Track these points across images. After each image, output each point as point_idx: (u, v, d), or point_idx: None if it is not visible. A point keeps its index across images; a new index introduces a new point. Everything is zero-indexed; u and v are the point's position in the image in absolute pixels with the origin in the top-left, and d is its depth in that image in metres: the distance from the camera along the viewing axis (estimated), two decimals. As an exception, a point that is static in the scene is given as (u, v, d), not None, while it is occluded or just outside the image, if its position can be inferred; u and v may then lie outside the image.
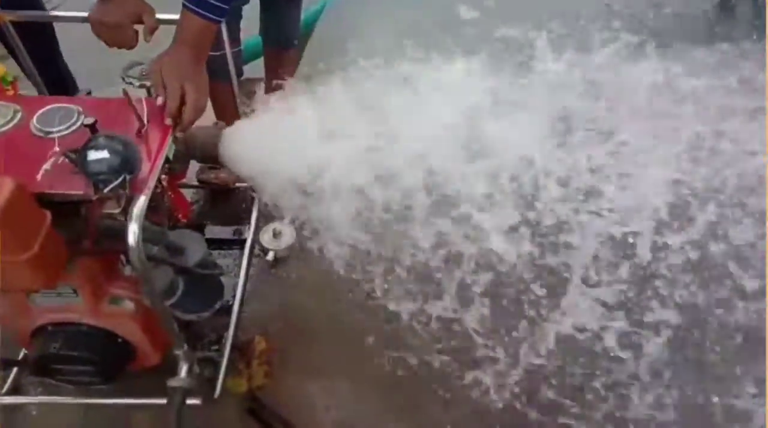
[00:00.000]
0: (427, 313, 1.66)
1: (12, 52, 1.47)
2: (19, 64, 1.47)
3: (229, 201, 1.97)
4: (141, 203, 0.97)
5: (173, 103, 1.10)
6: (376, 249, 1.71)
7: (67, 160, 1.00)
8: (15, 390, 1.46)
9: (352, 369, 1.58)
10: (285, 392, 1.54)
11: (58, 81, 1.82)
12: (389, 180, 1.34)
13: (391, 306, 1.68)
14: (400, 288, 1.70)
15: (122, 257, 1.33)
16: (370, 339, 1.63)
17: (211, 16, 1.14)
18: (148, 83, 1.17)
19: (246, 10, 1.75)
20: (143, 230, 0.96)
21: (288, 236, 1.82)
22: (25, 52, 1.44)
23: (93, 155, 0.94)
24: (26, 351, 1.43)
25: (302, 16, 2.07)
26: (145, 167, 1.03)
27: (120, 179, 0.94)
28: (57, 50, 1.85)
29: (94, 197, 0.95)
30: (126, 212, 0.98)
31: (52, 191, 0.97)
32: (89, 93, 1.39)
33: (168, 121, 1.11)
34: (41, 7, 1.73)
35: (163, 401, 1.35)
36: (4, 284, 1.00)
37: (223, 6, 1.15)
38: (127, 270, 1.33)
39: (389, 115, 1.43)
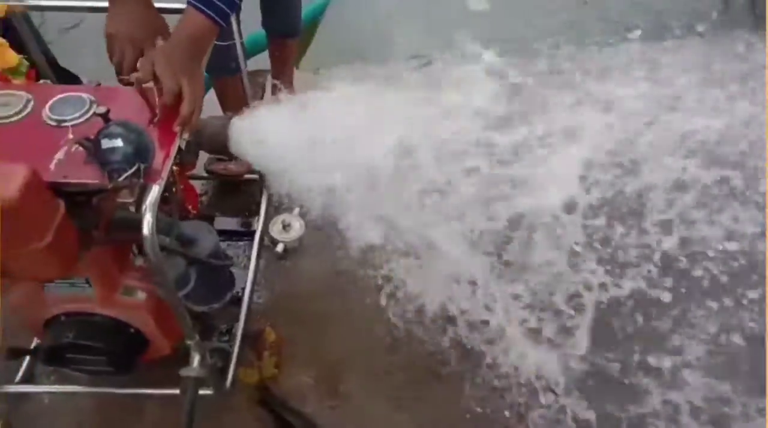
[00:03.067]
0: (437, 307, 1.67)
1: (19, 46, 1.46)
2: (28, 56, 1.46)
3: (238, 193, 1.97)
4: (155, 192, 0.97)
5: (169, 97, 1.07)
6: (387, 241, 1.71)
7: (80, 149, 1.00)
8: (28, 379, 1.47)
9: (362, 362, 1.59)
10: (295, 383, 1.54)
11: (64, 74, 1.83)
12: (403, 171, 1.33)
13: (402, 299, 1.68)
14: (410, 281, 1.70)
15: (134, 247, 1.34)
16: (380, 332, 1.63)
17: (214, 16, 1.11)
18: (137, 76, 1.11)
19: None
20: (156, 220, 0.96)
21: (297, 228, 1.82)
22: (36, 43, 1.44)
23: (107, 144, 0.93)
24: (38, 341, 1.44)
25: (308, 7, 2.06)
26: (158, 156, 1.02)
27: (134, 169, 0.94)
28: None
29: (109, 187, 0.94)
30: (139, 202, 0.98)
31: (67, 181, 0.97)
32: (98, 84, 1.38)
33: (159, 115, 1.07)
34: None
35: (174, 391, 1.36)
36: (19, 274, 1.01)
37: (227, 9, 1.13)
38: (139, 261, 1.34)
39: (400, 104, 1.42)
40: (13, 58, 1.39)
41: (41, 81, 1.45)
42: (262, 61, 2.23)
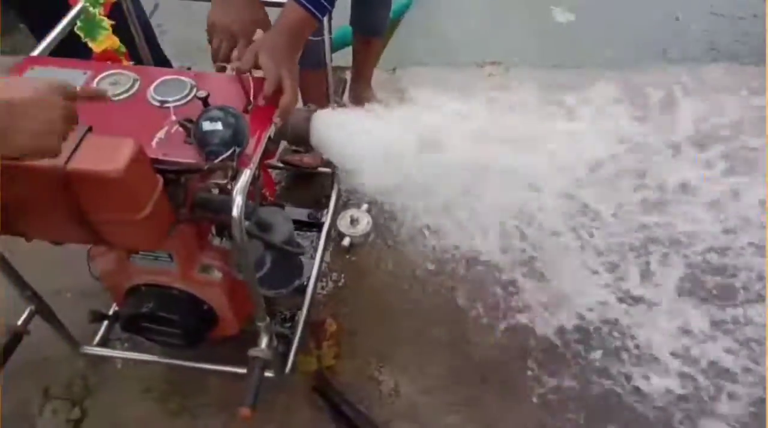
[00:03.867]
0: (498, 311, 1.66)
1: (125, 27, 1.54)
2: (127, 39, 1.54)
3: (310, 184, 2.01)
4: (246, 176, 1.01)
5: (271, 86, 1.12)
6: (453, 243, 1.72)
7: (180, 129, 1.05)
8: (104, 343, 1.56)
9: (419, 359, 1.60)
10: (352, 374, 1.57)
11: (161, 57, 1.92)
12: (474, 175, 1.33)
13: (461, 301, 1.68)
14: (473, 284, 1.70)
15: (212, 228, 1.39)
16: (440, 331, 1.64)
17: (315, 11, 1.16)
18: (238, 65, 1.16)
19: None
20: (239, 204, 1.00)
21: (364, 223, 1.85)
22: (138, 25, 1.52)
23: (208, 126, 0.98)
24: (116, 308, 1.52)
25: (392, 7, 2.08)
26: (251, 142, 1.06)
27: (230, 152, 0.98)
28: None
29: (205, 168, 0.99)
30: (229, 185, 1.02)
31: (167, 158, 1.02)
32: (189, 68, 1.45)
33: (261, 102, 1.12)
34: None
35: (240, 369, 1.41)
36: (114, 242, 1.07)
37: (327, 5, 1.17)
38: (216, 241, 1.39)
39: (477, 109, 1.41)
40: (116, 40, 1.47)
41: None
42: (341, 57, 2.29)
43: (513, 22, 2.91)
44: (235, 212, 0.99)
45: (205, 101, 1.06)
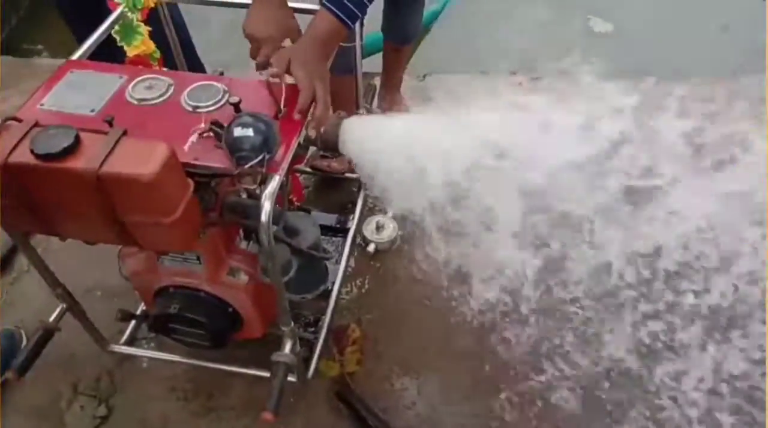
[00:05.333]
0: (521, 321, 1.64)
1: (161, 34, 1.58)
2: (163, 45, 1.57)
3: (337, 190, 2.02)
4: (275, 182, 1.02)
5: (307, 100, 1.12)
6: (477, 253, 1.70)
7: (212, 134, 1.07)
8: (131, 342, 1.59)
9: (442, 367, 1.59)
10: (374, 381, 1.56)
11: (196, 63, 1.95)
12: (504, 186, 1.32)
13: (486, 310, 1.67)
14: (497, 293, 1.68)
15: (240, 232, 1.41)
16: (463, 341, 1.63)
17: (345, 19, 1.16)
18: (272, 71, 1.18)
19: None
20: (267, 209, 1.01)
21: (390, 230, 1.85)
22: (174, 32, 1.55)
23: (239, 132, 0.99)
24: (144, 308, 1.55)
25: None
26: (281, 149, 1.07)
27: (260, 157, 0.99)
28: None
29: (235, 172, 1.00)
30: (258, 190, 1.03)
31: (198, 163, 1.04)
32: (222, 73, 1.47)
33: (297, 116, 1.13)
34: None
35: (263, 373, 1.42)
36: (144, 243, 1.09)
37: (358, 13, 1.17)
38: (243, 245, 1.41)
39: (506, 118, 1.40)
40: (151, 45, 1.51)
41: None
42: (371, 63, 2.29)
43: (548, 31, 2.88)
44: (264, 217, 1.00)
45: (236, 107, 1.07)
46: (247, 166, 0.99)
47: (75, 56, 1.27)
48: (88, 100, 1.14)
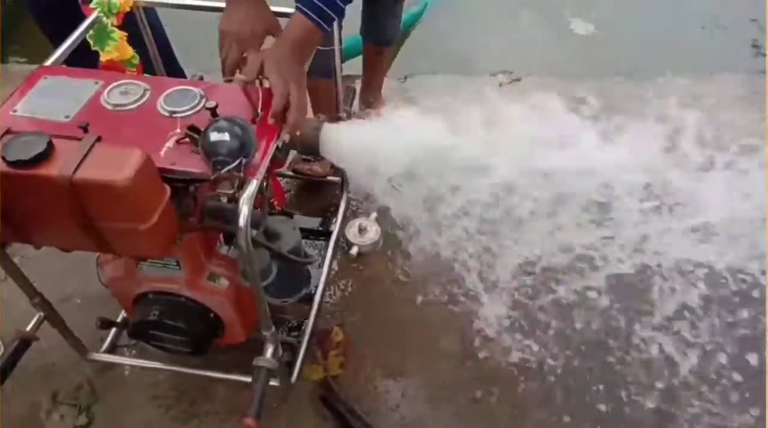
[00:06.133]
0: (507, 319, 1.65)
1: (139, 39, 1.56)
2: (142, 50, 1.56)
3: (319, 193, 2.02)
4: (253, 187, 1.01)
5: (280, 104, 1.10)
6: (461, 254, 1.71)
7: (187, 139, 1.06)
8: (111, 350, 1.57)
9: (426, 370, 1.59)
10: (357, 384, 1.56)
11: (175, 68, 1.94)
12: (487, 187, 1.32)
13: (473, 310, 1.67)
14: (481, 293, 1.69)
15: (221, 236, 1.40)
16: (446, 342, 1.63)
17: (320, 21, 1.15)
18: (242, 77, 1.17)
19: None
20: (246, 214, 1.00)
21: (373, 233, 1.85)
22: (152, 37, 1.54)
23: (215, 137, 0.99)
24: (124, 315, 1.53)
25: (404, 16, 2.09)
26: (258, 153, 1.07)
27: (237, 162, 0.99)
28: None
29: (212, 177, 1.00)
30: (236, 194, 1.03)
31: (175, 168, 1.03)
32: (201, 78, 1.47)
33: (271, 120, 1.11)
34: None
35: (245, 378, 1.41)
36: (119, 250, 1.08)
37: (333, 15, 1.15)
38: (223, 250, 1.40)
39: (492, 121, 1.41)
40: (129, 50, 1.49)
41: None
42: (351, 65, 2.29)
43: (528, 33, 2.90)
44: (242, 222, 1.00)
45: (213, 112, 1.07)
46: (224, 170, 0.99)
47: (49, 62, 1.25)
48: (63, 106, 1.12)
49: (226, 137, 0.99)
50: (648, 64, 2.54)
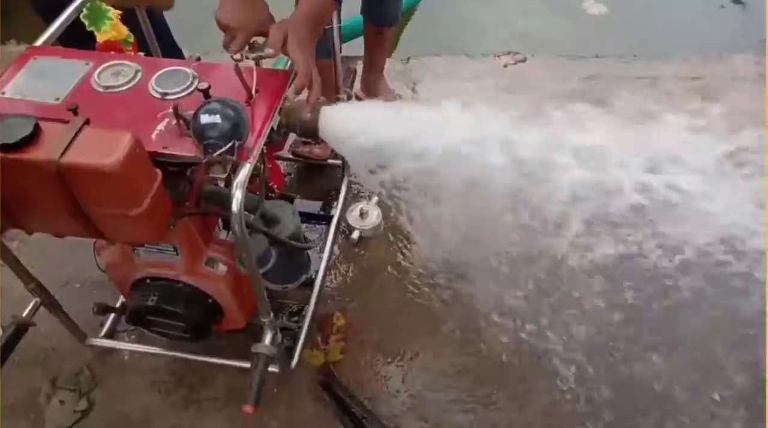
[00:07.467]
0: (507, 305, 1.63)
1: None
2: (135, 30, 1.52)
3: (320, 176, 1.99)
4: (246, 170, 0.99)
5: (306, 82, 1.11)
6: (462, 239, 1.68)
7: (180, 121, 1.03)
8: (110, 335, 1.56)
9: (426, 355, 1.57)
10: (358, 369, 1.55)
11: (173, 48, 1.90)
12: (486, 172, 1.29)
13: (472, 295, 1.65)
14: (482, 279, 1.66)
15: (219, 221, 1.38)
16: (447, 327, 1.61)
17: None
18: (261, 54, 1.16)
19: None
20: (242, 197, 0.98)
21: (374, 217, 1.82)
22: (145, 14, 1.50)
23: (206, 119, 0.96)
24: (123, 300, 1.52)
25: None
26: (252, 135, 1.04)
27: (228, 145, 0.96)
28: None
29: (203, 161, 0.97)
30: (230, 178, 1.00)
31: (166, 152, 1.00)
32: (199, 59, 1.43)
33: (291, 94, 1.12)
34: None
35: (243, 364, 1.40)
36: (113, 236, 1.06)
37: None
38: (222, 235, 1.38)
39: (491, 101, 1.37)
40: (123, 29, 1.46)
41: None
42: (353, 46, 2.25)
43: (539, 13, 2.83)
44: (235, 206, 0.97)
45: (206, 93, 1.04)
46: (215, 154, 0.96)
47: (38, 42, 1.22)
48: (53, 88, 1.10)
49: (217, 119, 0.96)
50: (662, 46, 2.48)
